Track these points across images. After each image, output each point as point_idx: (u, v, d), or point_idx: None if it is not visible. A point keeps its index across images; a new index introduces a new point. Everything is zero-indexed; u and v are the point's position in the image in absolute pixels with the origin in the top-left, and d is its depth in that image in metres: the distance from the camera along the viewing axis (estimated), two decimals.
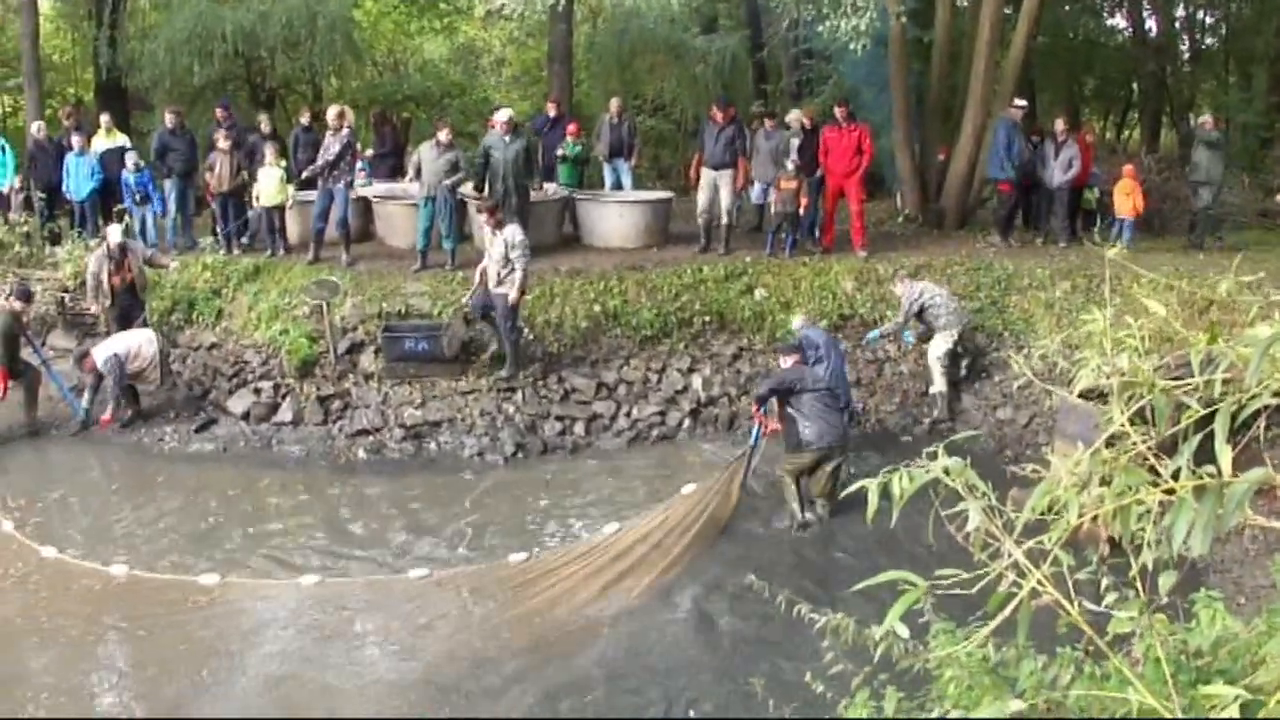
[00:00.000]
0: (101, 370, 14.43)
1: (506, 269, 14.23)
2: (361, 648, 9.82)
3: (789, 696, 5.47)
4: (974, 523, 3.20)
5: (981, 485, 3.23)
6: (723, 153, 16.67)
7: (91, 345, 14.84)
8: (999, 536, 3.17)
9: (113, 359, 14.33)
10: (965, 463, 3.24)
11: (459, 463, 13.89)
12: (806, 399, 11.83)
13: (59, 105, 27.37)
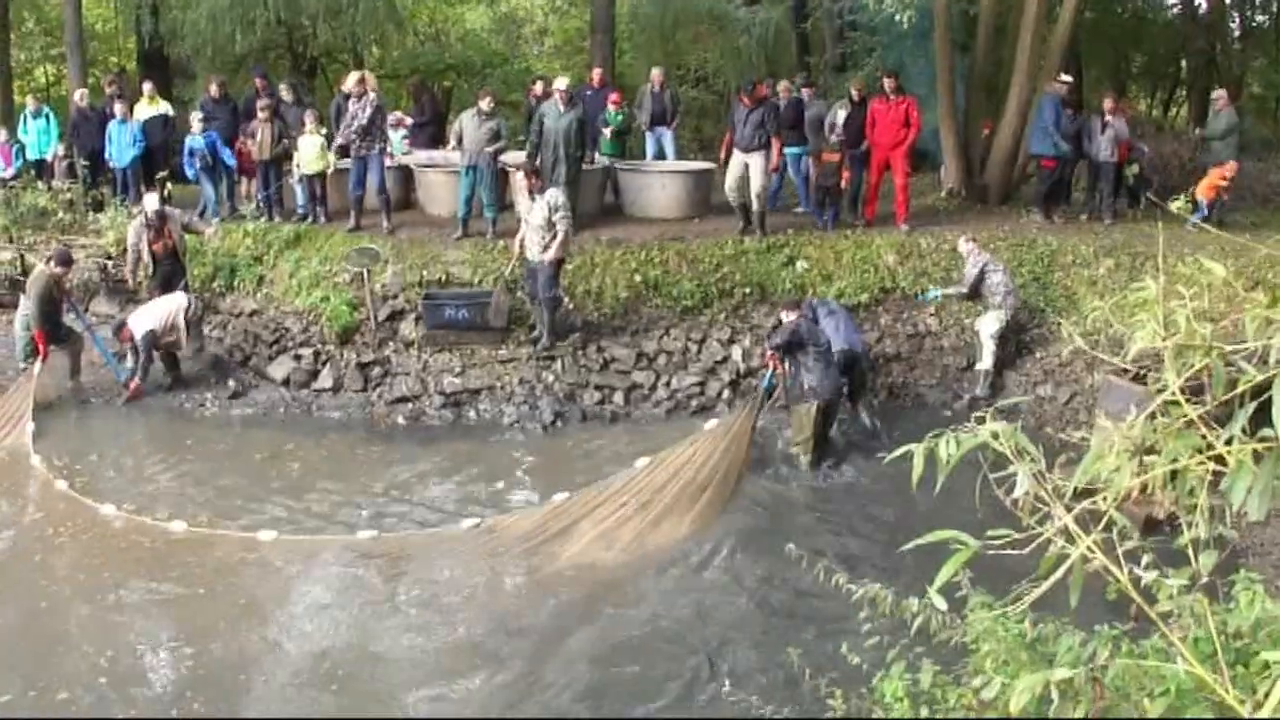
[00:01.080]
0: (137, 344, 14.54)
1: (550, 233, 14.21)
2: (415, 602, 9.98)
3: (826, 667, 5.43)
4: (1022, 487, 3.16)
5: (1032, 449, 3.18)
6: (752, 135, 15.87)
7: (129, 315, 14.91)
8: (1049, 501, 3.14)
9: (148, 335, 14.46)
10: (1015, 427, 3.20)
11: (498, 430, 13.92)
12: (811, 353, 12.42)
13: (102, 74, 27.43)
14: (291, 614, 9.74)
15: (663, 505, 11.24)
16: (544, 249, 14.26)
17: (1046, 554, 3.15)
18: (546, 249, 14.23)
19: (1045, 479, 3.18)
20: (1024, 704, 3.14)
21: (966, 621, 4.05)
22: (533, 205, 14.25)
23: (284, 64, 28.12)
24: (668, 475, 11.60)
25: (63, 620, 9.59)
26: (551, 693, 8.37)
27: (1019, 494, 3.16)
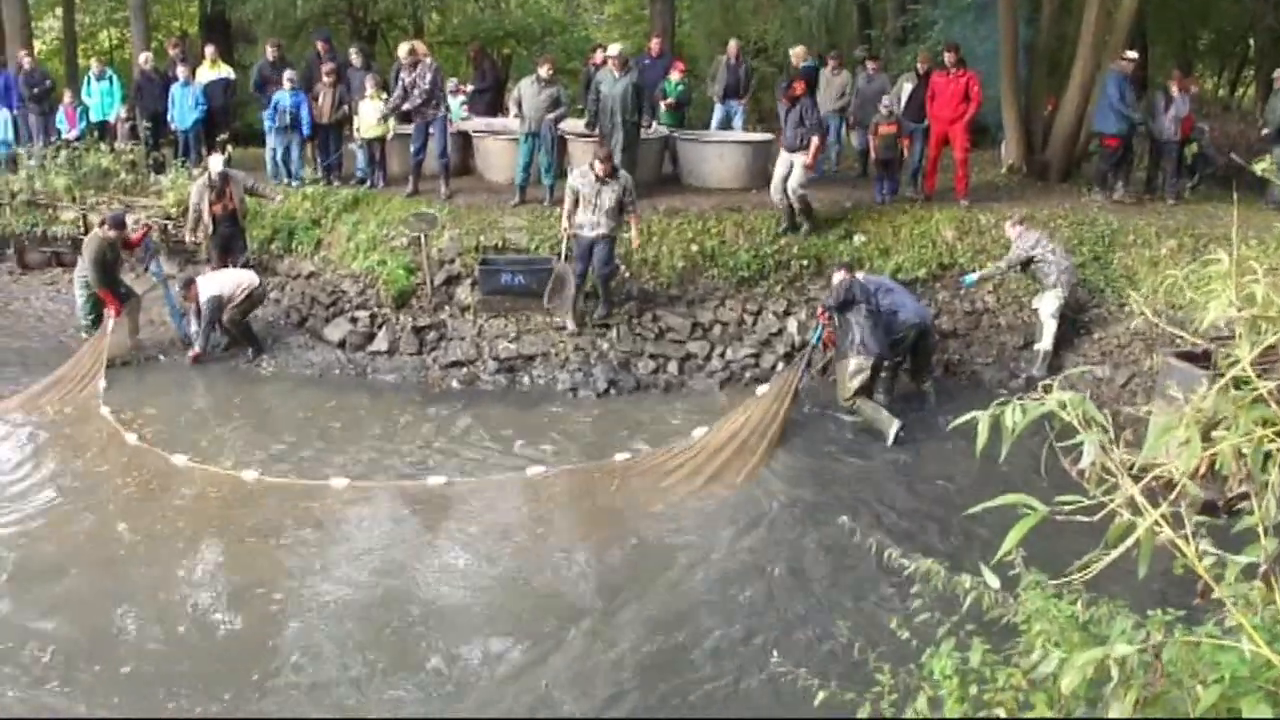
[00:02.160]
0: (202, 307, 14.68)
1: (623, 215, 14.33)
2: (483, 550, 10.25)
3: (874, 640, 5.41)
4: (1089, 457, 3.12)
5: (1100, 418, 3.15)
6: (794, 135, 15.44)
7: (199, 276, 15.04)
8: (1116, 472, 3.10)
9: (213, 300, 14.61)
10: (1083, 395, 3.17)
11: (551, 397, 13.94)
12: (863, 310, 12.58)
13: (164, 38, 27.61)
14: (361, 561, 9.98)
15: (718, 463, 11.76)
16: (613, 229, 14.33)
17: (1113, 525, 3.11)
18: (604, 229, 14.24)
19: (1112, 450, 3.14)
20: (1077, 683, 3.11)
21: (1019, 601, 4.01)
22: (601, 189, 14.12)
23: (344, 29, 28.21)
24: (723, 439, 12.11)
25: (136, 567, 9.79)
26: (608, 660, 8.38)
27: (1085, 464, 3.13)
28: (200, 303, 14.71)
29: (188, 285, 14.88)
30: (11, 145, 19.67)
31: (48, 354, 15.28)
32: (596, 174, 14.09)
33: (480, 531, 10.55)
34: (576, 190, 14.17)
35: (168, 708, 7.73)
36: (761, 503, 11.05)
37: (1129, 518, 3.10)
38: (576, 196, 14.19)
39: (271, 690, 7.98)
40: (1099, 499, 3.16)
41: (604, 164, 14.12)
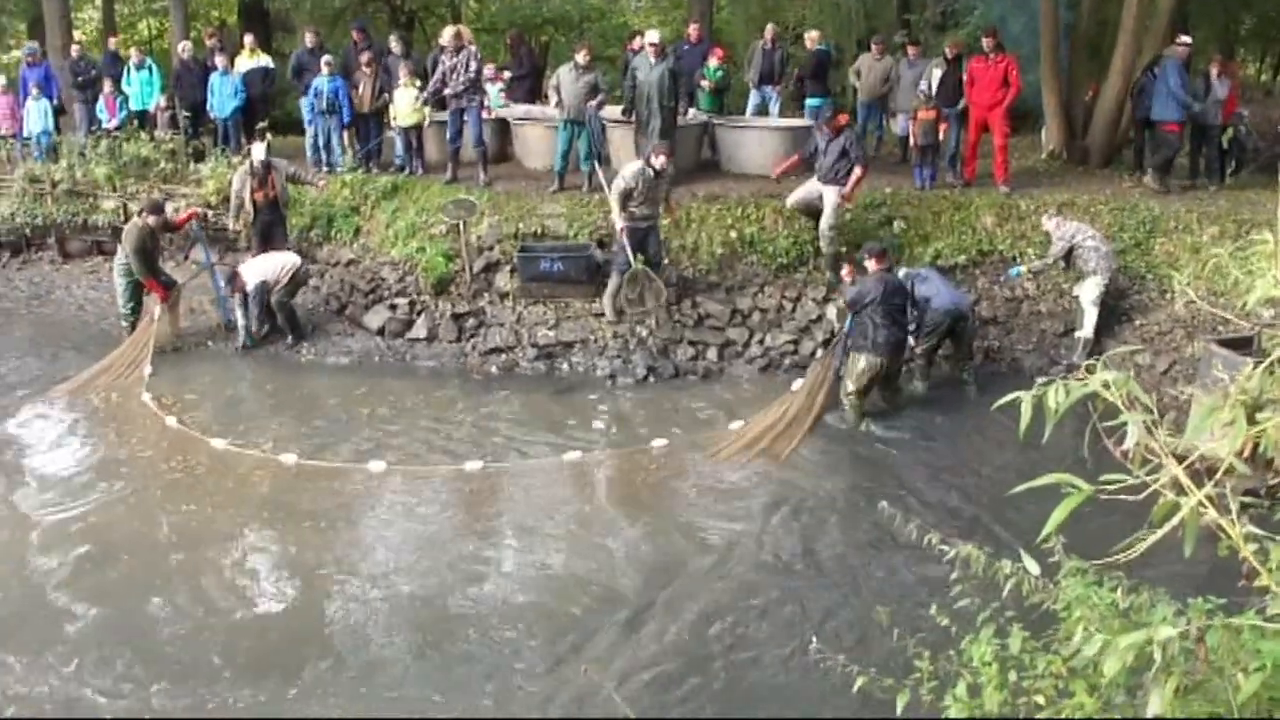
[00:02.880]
0: (249, 295, 14.79)
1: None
2: (519, 533, 10.37)
3: (914, 627, 5.38)
4: (1133, 438, 3.09)
5: (1145, 398, 3.11)
6: (833, 166, 14.71)
7: (241, 265, 15.17)
8: (1160, 453, 3.06)
9: (259, 286, 14.71)
10: (1128, 375, 3.14)
11: (590, 383, 13.97)
12: (882, 309, 12.34)
13: (203, 27, 27.75)
14: (399, 545, 10.07)
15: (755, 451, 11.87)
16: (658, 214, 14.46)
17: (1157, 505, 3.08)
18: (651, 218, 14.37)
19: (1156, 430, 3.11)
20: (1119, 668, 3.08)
21: (1059, 587, 3.98)
22: (657, 182, 14.15)
23: (382, 17, 28.28)
24: (758, 431, 12.17)
25: (179, 553, 9.91)
26: (647, 645, 8.39)
27: (1129, 445, 3.09)
28: (247, 290, 14.78)
29: (233, 278, 14.93)
30: (52, 135, 19.80)
31: (88, 342, 15.48)
32: (655, 169, 14.06)
33: (517, 516, 10.65)
34: (631, 189, 14.06)
35: (208, 696, 7.76)
36: (800, 489, 11.04)
37: (1173, 498, 3.07)
38: (630, 194, 14.11)
39: (312, 677, 8.01)
40: (1143, 479, 3.13)
41: (667, 157, 14.17)
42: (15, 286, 18.30)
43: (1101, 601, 3.70)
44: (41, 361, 14.93)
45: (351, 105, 17.95)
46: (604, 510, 10.89)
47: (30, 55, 21.13)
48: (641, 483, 11.35)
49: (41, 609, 8.91)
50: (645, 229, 14.33)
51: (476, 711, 7.63)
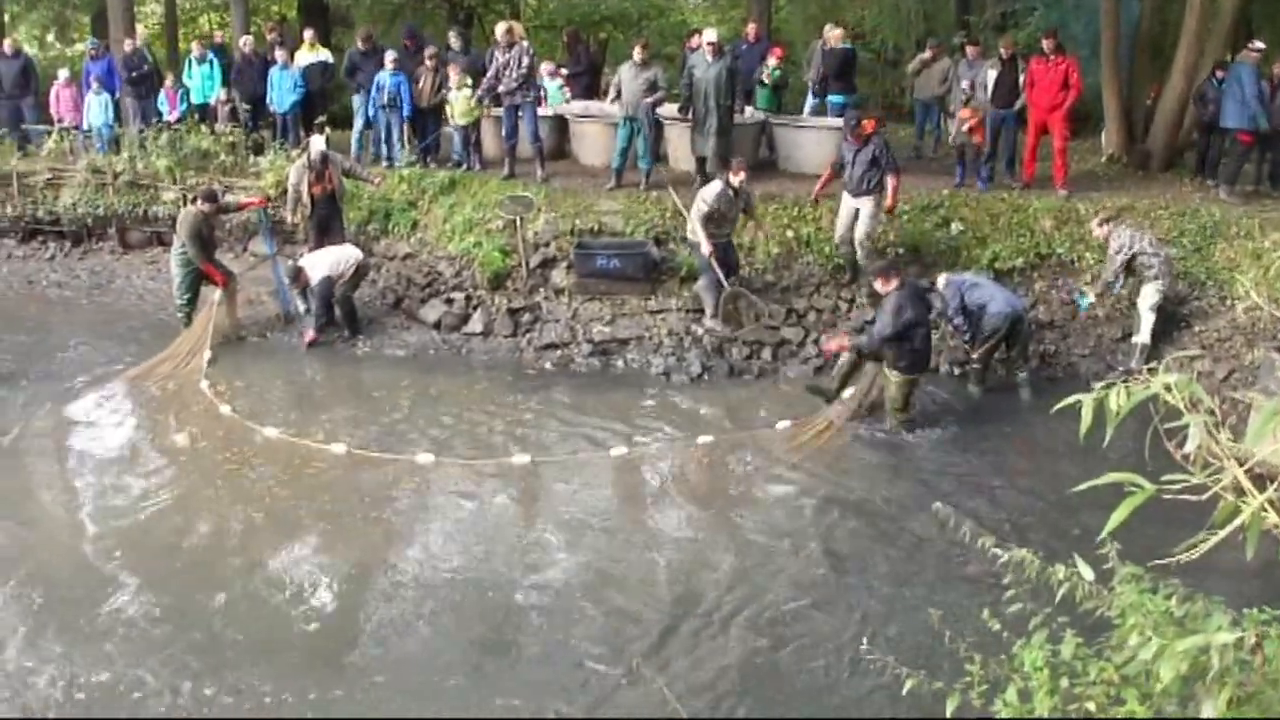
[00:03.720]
0: (314, 291, 14.93)
1: None
2: (566, 527, 10.35)
3: (965, 630, 5.37)
4: (1195, 440, 3.08)
5: (1207, 399, 3.10)
6: (862, 177, 14.39)
7: (303, 260, 15.29)
8: (1222, 456, 3.06)
9: (324, 281, 14.82)
10: (1190, 377, 3.13)
11: (645, 380, 13.97)
12: (919, 334, 12.10)
13: (263, 22, 27.94)
14: (448, 538, 10.16)
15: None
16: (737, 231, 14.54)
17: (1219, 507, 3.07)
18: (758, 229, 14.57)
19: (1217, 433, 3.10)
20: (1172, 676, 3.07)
21: (1113, 594, 3.96)
22: (735, 200, 14.09)
23: (441, 13, 28.37)
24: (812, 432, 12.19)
25: (229, 540, 10.06)
26: (694, 642, 8.40)
27: (1190, 448, 3.08)
28: (312, 285, 14.91)
29: (297, 275, 15.03)
30: (114, 127, 20.01)
31: (147, 331, 15.67)
32: (734, 187, 13.99)
33: (563, 510, 10.69)
34: (714, 211, 13.96)
35: (262, 689, 7.83)
36: (850, 490, 11.04)
37: (1235, 501, 3.06)
38: (712, 216, 14.01)
39: (359, 670, 8.07)
40: (1204, 481, 3.12)
41: (745, 173, 14.09)
42: (76, 276, 18.52)
43: (1156, 609, 3.68)
44: (101, 350, 15.12)
45: (412, 100, 18.03)
46: (650, 506, 10.94)
47: (93, 49, 21.40)
48: (688, 479, 11.40)
49: (97, 597, 9.00)
50: (724, 245, 14.30)
51: (516, 711, 7.66)
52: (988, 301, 13.01)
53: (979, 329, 13.05)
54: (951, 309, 13.11)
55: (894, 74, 27.26)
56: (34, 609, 8.84)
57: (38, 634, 8.45)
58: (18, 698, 7.70)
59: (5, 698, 7.69)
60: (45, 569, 9.48)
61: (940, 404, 13.12)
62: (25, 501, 10.88)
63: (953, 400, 13.28)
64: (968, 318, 13.02)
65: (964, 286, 13.18)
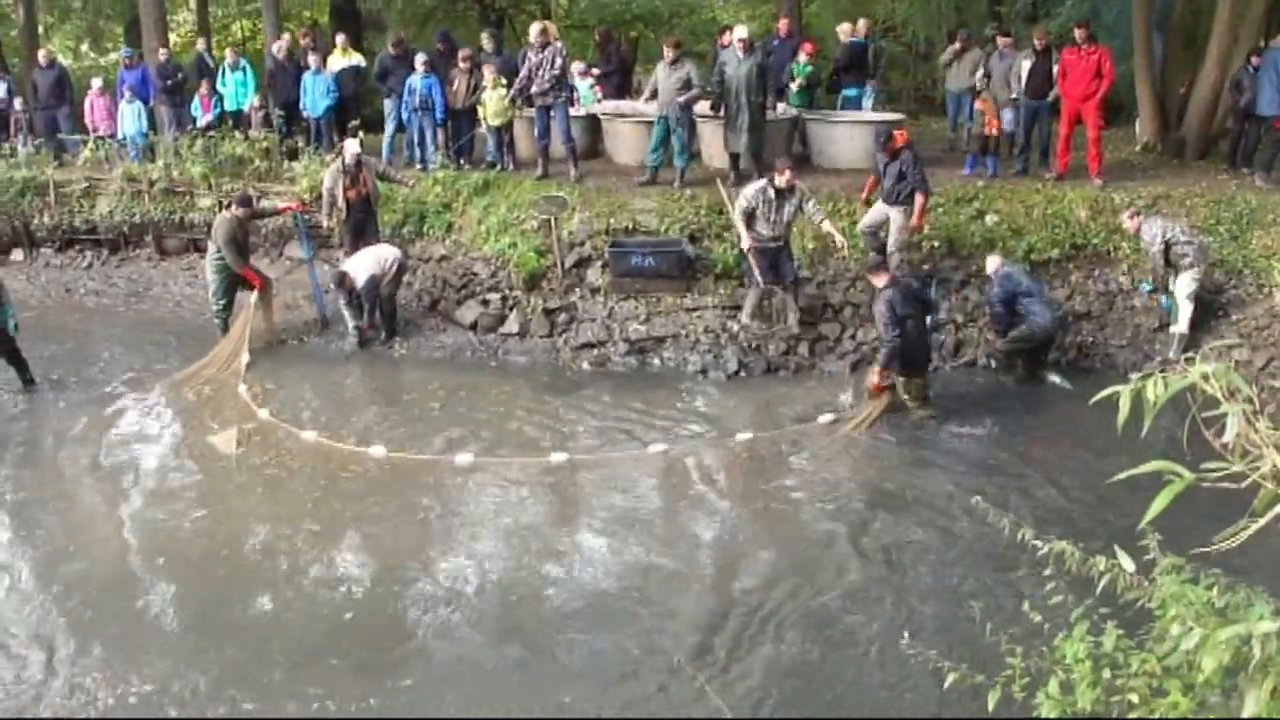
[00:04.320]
0: (360, 292, 14.96)
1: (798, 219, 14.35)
2: (604, 526, 10.41)
3: (1006, 622, 5.37)
4: (1233, 429, 3.07)
5: (1246, 388, 3.09)
6: (893, 188, 14.42)
7: (346, 265, 15.30)
8: (1261, 444, 3.04)
9: (370, 281, 14.85)
10: (1228, 365, 3.11)
11: (682, 378, 13.99)
12: (912, 322, 12.24)
13: (295, 27, 28.07)
14: (485, 537, 10.22)
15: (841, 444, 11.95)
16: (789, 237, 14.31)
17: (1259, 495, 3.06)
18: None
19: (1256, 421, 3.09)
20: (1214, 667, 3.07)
21: (1154, 585, 3.95)
22: (780, 203, 13.88)
23: (472, 15, 28.43)
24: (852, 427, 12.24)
25: (268, 544, 10.12)
26: (735, 638, 8.41)
27: (1229, 437, 3.07)
28: (358, 287, 14.95)
29: (341, 279, 15.05)
30: (148, 135, 20.14)
31: (185, 337, 15.80)
32: (776, 187, 13.83)
33: (603, 508, 10.75)
34: (753, 208, 13.94)
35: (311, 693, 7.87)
36: (888, 484, 11.03)
37: (1274, 488, 3.05)
38: (752, 213, 14.00)
39: (405, 671, 8.12)
40: (1243, 469, 3.11)
41: (789, 173, 13.84)
42: (114, 283, 18.65)
43: (1197, 600, 3.67)
44: (139, 356, 15.29)
45: (445, 103, 18.08)
46: (689, 503, 10.91)
47: (127, 58, 21.55)
48: (727, 476, 11.40)
49: (139, 602, 9.09)
50: (775, 249, 14.17)
51: (562, 710, 7.69)
52: (1033, 314, 13.10)
53: (1013, 327, 13.08)
54: (996, 297, 13.14)
55: (925, 66, 27.19)
56: (77, 614, 8.91)
57: (81, 639, 8.52)
58: (64, 702, 7.77)
59: (56, 703, 7.76)
60: (87, 574, 9.57)
61: (977, 397, 13.10)
62: (66, 508, 10.98)
63: (988, 393, 13.24)
64: (1008, 312, 13.00)
65: (1017, 287, 13.18)
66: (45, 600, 9.18)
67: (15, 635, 8.61)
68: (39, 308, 17.77)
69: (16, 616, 8.92)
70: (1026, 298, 13.17)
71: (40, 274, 19.27)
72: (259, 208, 16.01)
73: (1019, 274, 13.61)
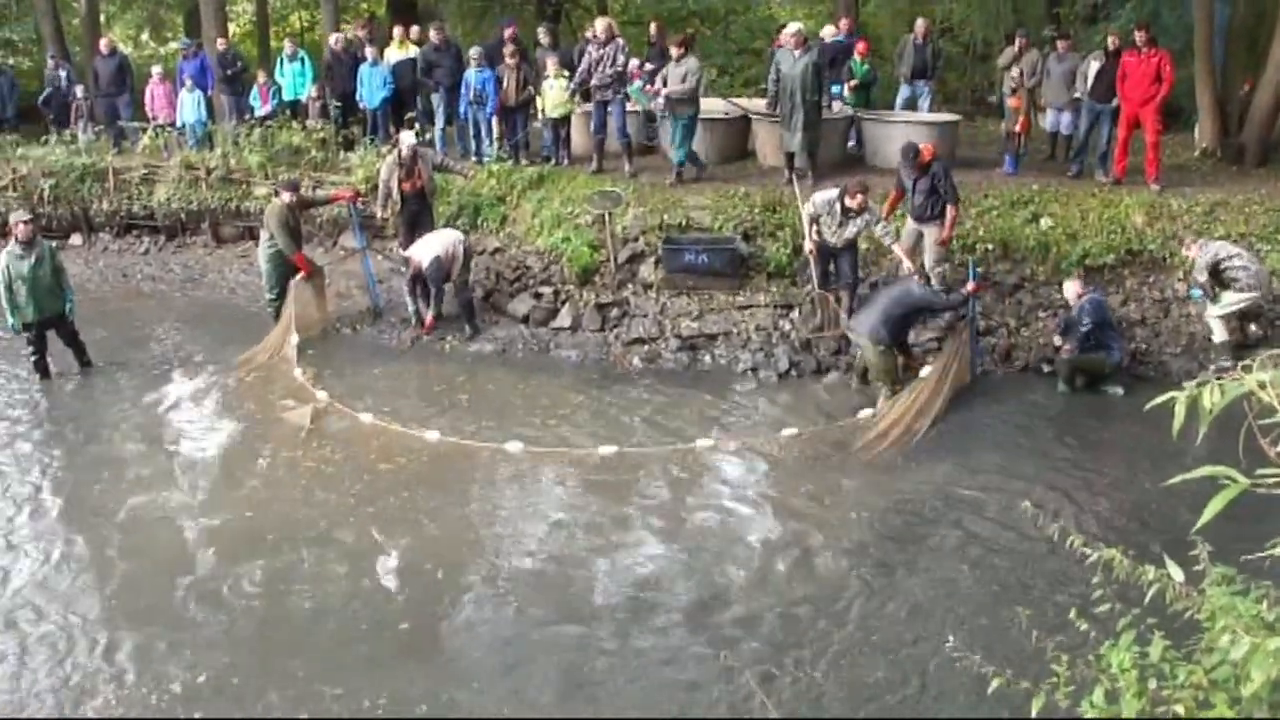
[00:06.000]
0: (427, 275, 14.99)
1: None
2: (652, 519, 10.48)
3: (1052, 629, 5.35)
4: None
5: None
6: (924, 204, 14.20)
7: (410, 250, 15.33)
8: None
9: (435, 262, 14.87)
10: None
11: (732, 376, 13.98)
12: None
13: (353, 19, 28.20)
14: (534, 525, 10.33)
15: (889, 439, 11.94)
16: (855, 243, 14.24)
17: None
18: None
19: None
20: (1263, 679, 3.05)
21: (1203, 595, 3.92)
22: (846, 222, 13.80)
23: (530, 9, 28.48)
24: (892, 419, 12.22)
25: (321, 529, 10.25)
26: (781, 637, 8.43)
27: None
28: (424, 270, 14.97)
29: (406, 263, 15.15)
30: (207, 124, 20.33)
31: (239, 324, 15.97)
32: (845, 206, 13.72)
33: (649, 500, 10.84)
34: (817, 216, 13.94)
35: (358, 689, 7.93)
36: (934, 486, 11.00)
37: None
38: (816, 220, 13.99)
39: (453, 664, 8.20)
40: None
41: (861, 197, 13.66)
42: (170, 270, 18.85)
43: (1247, 612, 3.65)
44: (194, 342, 15.50)
45: (498, 97, 18.13)
46: (734, 498, 10.92)
47: (186, 48, 21.74)
48: (773, 472, 11.41)
49: (190, 591, 9.20)
50: (834, 248, 14.16)
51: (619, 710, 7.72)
52: (1113, 348, 13.21)
53: (1095, 350, 13.19)
54: (1089, 321, 13.09)
55: (983, 67, 27.07)
56: (130, 603, 9.05)
57: (133, 629, 8.64)
58: (111, 695, 7.86)
59: (104, 694, 7.86)
60: (140, 561, 9.71)
61: (1027, 402, 13.01)
62: (120, 494, 11.07)
63: (1039, 398, 13.16)
64: (1093, 336, 13.11)
65: (1106, 315, 13.29)
66: (97, 584, 9.34)
67: (62, 619, 8.76)
68: (96, 292, 18.00)
69: (66, 600, 9.07)
70: (1111, 330, 13.19)
71: (98, 259, 19.52)
72: (312, 196, 16.15)
73: (1105, 301, 13.58)
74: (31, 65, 27.28)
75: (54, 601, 9.04)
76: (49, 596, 9.12)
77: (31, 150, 20.31)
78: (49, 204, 19.81)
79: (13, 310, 13.66)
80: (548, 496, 10.87)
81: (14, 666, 8.19)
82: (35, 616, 8.81)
